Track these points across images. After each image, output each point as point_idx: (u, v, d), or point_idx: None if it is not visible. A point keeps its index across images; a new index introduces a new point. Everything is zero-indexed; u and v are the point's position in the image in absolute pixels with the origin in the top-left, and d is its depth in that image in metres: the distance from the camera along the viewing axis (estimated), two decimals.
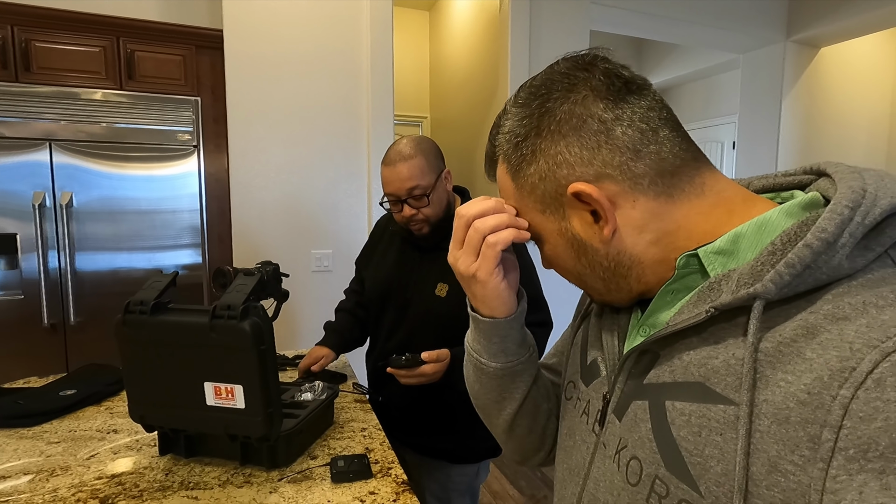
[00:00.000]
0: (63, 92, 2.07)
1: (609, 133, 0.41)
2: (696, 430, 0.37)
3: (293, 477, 0.88)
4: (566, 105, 0.42)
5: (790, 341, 0.34)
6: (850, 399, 0.29)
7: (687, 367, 0.39)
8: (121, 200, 2.17)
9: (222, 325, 0.80)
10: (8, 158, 2.01)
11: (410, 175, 1.09)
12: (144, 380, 0.87)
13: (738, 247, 0.40)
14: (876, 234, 0.35)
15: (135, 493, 0.83)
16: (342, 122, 2.45)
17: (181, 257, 2.31)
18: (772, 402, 0.33)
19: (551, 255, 0.49)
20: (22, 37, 2.05)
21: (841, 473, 0.29)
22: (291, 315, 2.42)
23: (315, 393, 1.06)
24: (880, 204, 0.35)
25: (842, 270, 0.35)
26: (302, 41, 2.35)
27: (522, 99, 0.46)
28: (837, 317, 0.33)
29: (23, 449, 0.98)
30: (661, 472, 0.39)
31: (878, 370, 0.29)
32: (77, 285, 2.14)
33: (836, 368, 0.31)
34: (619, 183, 0.42)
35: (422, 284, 1.18)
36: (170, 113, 2.22)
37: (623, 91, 0.42)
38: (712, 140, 4.63)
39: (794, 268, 0.34)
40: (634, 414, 0.43)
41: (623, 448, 0.43)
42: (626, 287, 0.46)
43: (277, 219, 2.39)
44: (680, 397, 0.39)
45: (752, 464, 0.33)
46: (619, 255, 0.44)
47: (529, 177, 0.45)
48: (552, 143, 0.43)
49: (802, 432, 0.31)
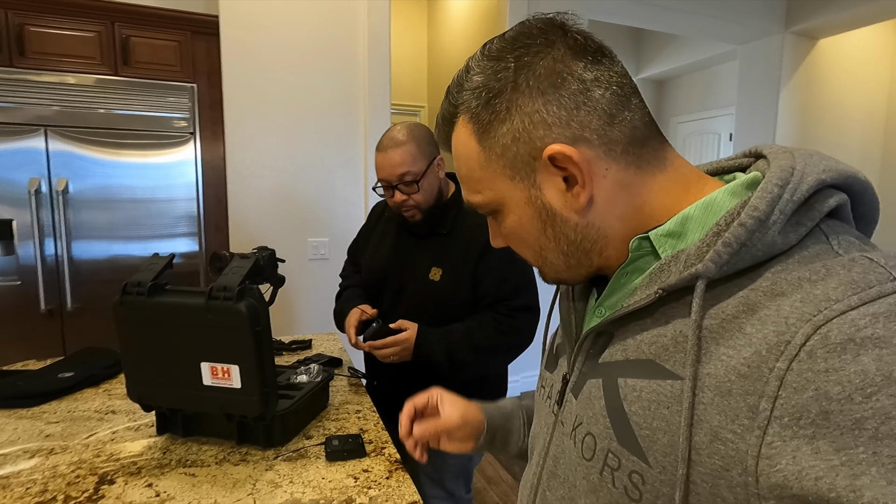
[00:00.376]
0: (58, 77, 2.06)
1: (588, 94, 0.40)
2: (646, 405, 0.38)
3: (288, 455, 0.90)
4: (546, 60, 0.41)
5: (732, 317, 0.35)
6: (785, 371, 0.31)
7: (639, 346, 0.40)
8: (117, 188, 2.17)
9: (219, 306, 0.81)
10: (3, 144, 2.01)
11: (401, 161, 1.10)
12: (142, 360, 0.88)
13: (687, 228, 0.40)
14: (806, 209, 0.36)
15: (133, 470, 0.85)
16: (339, 110, 2.45)
17: (178, 245, 2.31)
18: (714, 376, 0.34)
19: (515, 226, 0.46)
20: (15, 21, 2.03)
21: (776, 440, 0.31)
22: (288, 302, 2.43)
23: (310, 375, 1.07)
24: (807, 180, 0.36)
25: (776, 246, 0.36)
26: (299, 29, 2.34)
27: (494, 52, 0.42)
28: (775, 293, 0.34)
29: (22, 428, 0.99)
30: (614, 446, 0.40)
31: (810, 343, 0.30)
32: (74, 272, 2.14)
33: (773, 342, 0.32)
34: (595, 148, 0.40)
35: (416, 269, 1.20)
36: (165, 99, 2.22)
37: (598, 53, 0.42)
38: (709, 132, 4.64)
39: (730, 246, 0.35)
40: (589, 392, 0.44)
41: (579, 425, 0.44)
42: (587, 262, 0.45)
43: (274, 207, 2.39)
44: (632, 374, 0.40)
45: (695, 434, 0.34)
46: (587, 227, 0.43)
47: (501, 137, 0.42)
48: (530, 99, 0.40)
49: (742, 403, 0.32)
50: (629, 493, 0.39)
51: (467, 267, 1.14)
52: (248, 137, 2.32)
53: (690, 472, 0.34)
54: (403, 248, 1.24)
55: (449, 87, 0.46)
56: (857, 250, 0.35)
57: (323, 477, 0.84)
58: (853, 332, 0.30)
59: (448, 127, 0.46)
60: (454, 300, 1.15)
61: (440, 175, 1.18)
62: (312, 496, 0.78)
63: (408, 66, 3.96)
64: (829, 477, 0.29)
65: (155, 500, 0.77)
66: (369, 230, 1.39)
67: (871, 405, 0.28)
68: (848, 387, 0.29)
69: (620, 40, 4.64)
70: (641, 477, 0.38)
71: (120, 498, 0.77)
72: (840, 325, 0.30)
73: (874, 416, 0.28)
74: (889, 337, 0.29)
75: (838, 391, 0.29)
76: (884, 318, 0.30)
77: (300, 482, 0.82)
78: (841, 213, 0.39)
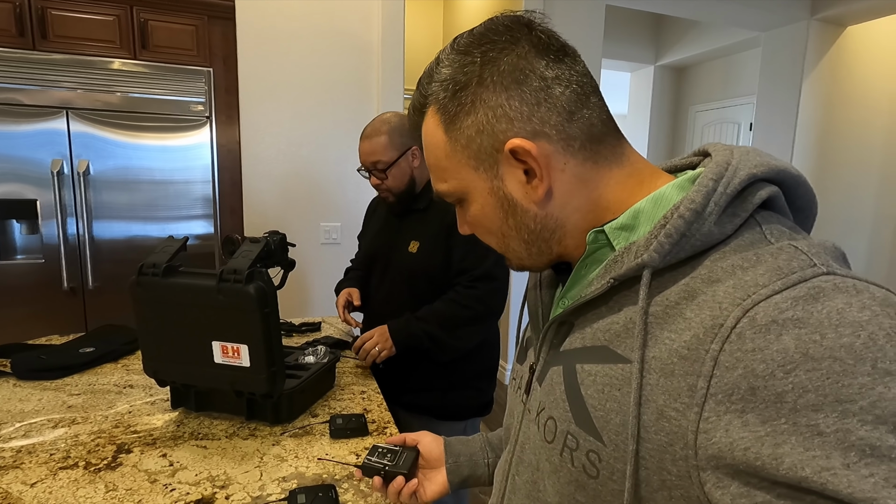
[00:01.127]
0: (79, 60, 2.10)
1: (549, 91, 0.42)
2: (601, 388, 0.40)
3: (295, 432, 0.94)
4: (510, 57, 0.42)
5: (674, 304, 0.38)
6: (718, 352, 0.33)
7: (595, 333, 0.43)
8: (136, 170, 2.23)
9: (229, 287, 0.84)
10: (27, 126, 2.06)
11: (373, 150, 1.21)
12: (157, 337, 0.93)
13: (638, 221, 0.43)
14: (740, 201, 0.39)
15: (148, 441, 0.90)
16: (352, 95, 2.46)
17: (194, 227, 2.37)
18: (659, 359, 0.37)
19: (478, 214, 0.48)
20: (37, 4, 2.07)
21: (711, 415, 0.33)
22: (300, 285, 2.48)
23: (317, 356, 1.11)
24: (739, 174, 0.39)
25: (713, 236, 0.38)
26: (314, 14, 2.34)
27: (463, 47, 0.44)
28: (712, 279, 0.37)
29: (46, 399, 1.05)
30: (572, 428, 0.42)
31: (740, 325, 0.33)
32: (95, 251, 2.21)
33: (709, 325, 0.34)
34: (554, 143, 0.42)
35: (399, 245, 1.29)
36: (183, 83, 2.25)
37: (561, 52, 0.43)
38: (729, 121, 4.54)
39: (671, 237, 0.38)
40: (551, 379, 0.46)
41: (541, 410, 0.47)
42: (548, 251, 0.47)
43: (287, 191, 2.43)
44: (588, 360, 0.42)
45: (643, 413, 0.37)
46: (546, 217, 0.45)
47: (466, 129, 0.44)
48: (494, 94, 0.42)
49: (683, 383, 0.35)
50: (587, 471, 0.41)
51: (440, 238, 1.22)
52: (262, 121, 2.35)
53: (640, 449, 0.37)
54: (390, 228, 1.34)
55: (420, 77, 0.47)
56: (786, 238, 0.38)
57: (326, 453, 0.87)
58: (776, 315, 0.32)
59: (418, 116, 0.48)
60: (429, 271, 1.23)
61: (414, 164, 1.25)
62: (316, 471, 0.82)
63: (423, 51, 3.94)
64: (756, 447, 0.31)
65: (168, 468, 0.81)
66: (368, 217, 1.52)
67: (791, 380, 0.30)
68: (771, 364, 0.31)
69: (639, 26, 4.54)
70: (598, 455, 0.40)
71: (136, 466, 0.82)
72: (765, 309, 0.33)
73: (793, 389, 0.30)
74: (806, 318, 0.31)
75: (763, 368, 0.31)
76: (803, 300, 0.32)
77: (305, 457, 0.86)
78: (775, 204, 0.41)
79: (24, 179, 2.09)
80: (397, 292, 1.29)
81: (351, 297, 1.38)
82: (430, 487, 0.69)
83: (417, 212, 1.28)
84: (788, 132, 3.46)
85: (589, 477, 0.41)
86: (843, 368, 0.30)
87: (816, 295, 0.32)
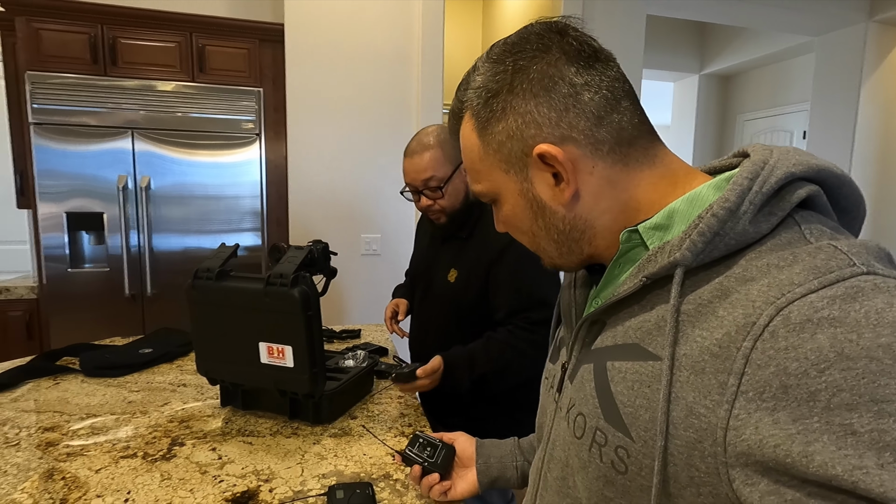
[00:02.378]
0: (144, 84, 2.28)
1: (577, 97, 0.43)
2: (630, 385, 0.41)
3: (334, 432, 0.97)
4: (540, 65, 0.43)
5: (707, 302, 0.38)
6: (750, 350, 0.33)
7: (626, 331, 0.43)
8: (191, 185, 2.37)
9: (275, 291, 0.89)
10: (97, 145, 2.24)
11: (426, 166, 1.11)
12: (209, 338, 0.99)
13: (673, 221, 0.43)
14: (777, 200, 0.39)
15: (199, 435, 0.95)
16: (392, 110, 2.54)
17: (243, 239, 2.49)
18: (689, 356, 0.37)
19: (510, 214, 0.50)
20: (109, 34, 2.26)
21: (741, 413, 0.33)
22: (341, 295, 2.55)
23: (357, 361, 1.15)
24: (776, 174, 0.38)
25: (748, 235, 0.38)
26: (356, 33, 2.44)
27: (496, 55, 0.46)
28: (746, 278, 0.37)
29: (110, 395, 1.13)
30: (601, 424, 0.42)
31: (773, 323, 0.33)
32: (153, 261, 2.36)
33: (741, 324, 0.34)
34: (582, 147, 0.43)
35: (440, 270, 1.24)
36: (235, 103, 2.39)
37: (592, 58, 0.44)
38: (780, 129, 4.36)
39: (704, 236, 0.38)
40: (582, 376, 0.47)
41: (572, 406, 0.47)
42: (578, 250, 0.48)
43: (330, 204, 2.52)
44: (619, 357, 0.43)
45: (672, 409, 0.37)
46: (574, 218, 0.46)
47: (497, 134, 0.46)
48: (524, 101, 0.44)
49: (714, 380, 0.35)
50: (616, 467, 0.41)
51: (479, 270, 1.14)
52: (307, 137, 2.46)
53: (668, 445, 0.37)
54: (433, 250, 1.30)
55: (459, 84, 0.50)
56: (826, 238, 0.37)
57: (364, 453, 0.90)
58: (811, 314, 0.32)
59: (456, 121, 0.50)
60: (466, 302, 1.16)
61: (466, 179, 1.20)
62: (354, 469, 0.85)
63: (462, 65, 4.01)
64: (786, 444, 0.31)
65: (217, 461, 0.86)
66: (419, 233, 1.48)
67: (825, 379, 0.30)
68: (804, 363, 0.31)
69: (683, 35, 4.46)
70: (626, 451, 0.40)
71: (188, 458, 0.87)
72: (800, 307, 0.32)
73: (827, 388, 0.30)
74: (843, 317, 0.31)
75: (796, 367, 0.31)
76: (840, 300, 0.32)
77: (344, 456, 0.89)
78: (817, 204, 0.41)
79: (93, 194, 2.26)
80: (436, 316, 1.25)
81: (397, 308, 1.39)
82: (461, 485, 0.71)
83: (459, 239, 1.21)
84: (846, 140, 3.29)
85: (617, 473, 0.41)
86: (880, 368, 0.29)
87: (855, 294, 0.32)
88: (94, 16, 2.23)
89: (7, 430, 0.96)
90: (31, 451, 0.88)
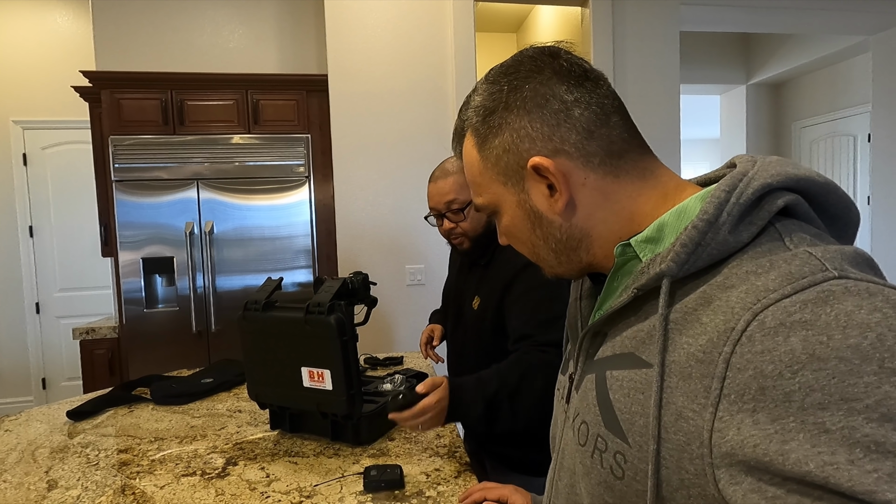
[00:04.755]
0: (207, 139, 2.52)
1: (568, 113, 0.46)
2: (627, 392, 0.42)
3: (373, 453, 1.02)
4: (532, 83, 0.47)
5: (692, 310, 0.39)
6: (730, 354, 0.35)
7: (623, 341, 0.45)
8: (249, 228, 2.57)
9: (314, 319, 0.97)
10: (167, 196, 2.49)
11: (449, 189, 1.16)
12: (258, 364, 1.07)
13: (663, 233, 0.44)
14: (757, 210, 0.40)
15: (251, 456, 1.03)
16: (431, 145, 2.65)
17: (296, 276, 2.64)
18: (678, 363, 0.38)
19: (509, 225, 0.52)
20: (178, 98, 2.54)
21: (725, 415, 0.35)
22: (387, 324, 2.63)
23: (395, 384, 1.20)
24: (752, 185, 0.40)
25: (729, 245, 0.39)
26: (393, 76, 2.60)
27: (493, 77, 0.50)
28: (726, 286, 0.38)
29: (175, 420, 1.24)
30: (602, 431, 0.44)
31: (750, 328, 0.34)
32: (217, 300, 2.55)
33: (722, 329, 0.36)
34: (573, 159, 0.46)
35: (466, 297, 1.26)
36: (286, 149, 2.59)
37: (582, 77, 0.47)
38: (842, 133, 4.12)
39: (686, 247, 0.40)
40: (585, 386, 0.48)
41: (577, 416, 0.49)
42: (577, 259, 0.50)
43: (376, 237, 2.63)
44: (617, 366, 0.44)
45: (663, 414, 0.38)
46: (571, 228, 0.48)
47: (494, 149, 0.49)
48: (518, 117, 0.47)
49: (699, 385, 0.36)
50: (614, 472, 0.43)
51: (496, 296, 1.14)
52: (352, 177, 2.61)
53: (661, 448, 0.38)
54: (461, 277, 1.32)
55: (461, 105, 0.54)
56: (805, 245, 0.38)
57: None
58: (784, 318, 0.33)
59: (459, 140, 0.54)
60: (487, 329, 1.17)
61: None
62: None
63: None
64: (765, 444, 0.32)
65: (265, 479, 0.93)
66: (451, 260, 1.51)
67: (798, 380, 0.32)
68: (779, 365, 0.32)
69: (726, 47, 4.35)
70: (624, 456, 0.42)
71: (240, 476, 0.94)
72: (774, 312, 0.34)
73: (800, 389, 0.32)
74: (814, 320, 0.33)
75: (771, 369, 0.33)
76: (812, 304, 0.33)
77: None
78: (799, 213, 0.42)
79: (165, 241, 2.50)
80: (468, 343, 1.25)
81: (433, 334, 1.44)
82: None
83: (480, 266, 1.23)
84: None
85: (616, 478, 0.43)
86: (848, 368, 0.31)
87: (826, 298, 0.33)
88: (165, 83, 2.52)
89: (89, 451, 1.08)
90: (108, 469, 0.99)
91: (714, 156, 6.74)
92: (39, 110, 3.39)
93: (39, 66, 3.37)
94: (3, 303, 3.39)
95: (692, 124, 5.98)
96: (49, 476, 0.97)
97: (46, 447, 1.10)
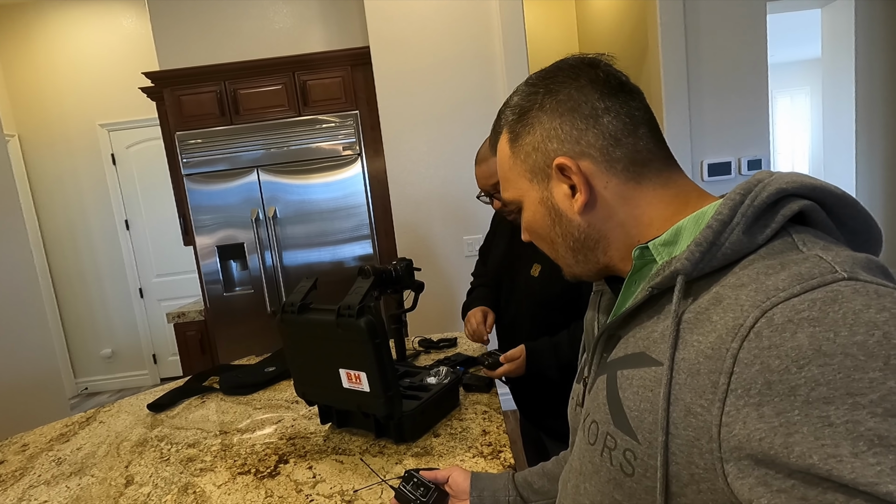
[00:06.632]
0: (261, 126, 2.58)
1: (598, 119, 0.48)
2: (636, 390, 0.43)
3: (417, 451, 1.01)
4: (568, 89, 0.49)
5: (704, 310, 0.40)
6: (738, 350, 0.35)
7: (636, 342, 0.46)
8: (308, 205, 2.63)
9: (345, 322, 0.95)
10: (231, 184, 2.60)
11: (493, 172, 1.14)
12: (300, 364, 1.09)
13: (680, 237, 0.46)
14: (770, 213, 0.41)
15: (301, 453, 1.06)
16: (481, 112, 2.52)
17: (357, 249, 2.68)
18: (687, 360, 0.39)
19: (531, 220, 0.55)
20: (230, 88, 2.60)
21: (732, 410, 0.35)
22: (446, 297, 2.61)
23: (439, 377, 1.17)
24: (768, 189, 0.41)
25: (743, 245, 0.40)
26: (437, 43, 2.47)
27: (533, 81, 0.53)
28: (737, 285, 0.39)
29: (239, 412, 1.31)
30: (611, 429, 0.45)
31: (758, 325, 0.35)
32: (286, 277, 2.67)
33: (731, 326, 0.37)
34: (597, 163, 0.48)
35: (522, 268, 1.25)
36: (337, 127, 2.58)
37: (617, 88, 0.49)
38: None
39: (701, 246, 0.41)
40: (597, 387, 0.49)
41: (587, 416, 0.50)
42: (594, 259, 0.52)
43: (431, 211, 2.59)
44: (628, 366, 0.45)
45: (672, 410, 0.39)
46: (589, 228, 0.50)
47: (525, 146, 0.52)
48: (550, 118, 0.50)
49: (708, 381, 0.37)
50: (624, 469, 0.44)
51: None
52: (403, 149, 2.56)
53: (670, 444, 0.39)
54: (515, 247, 1.30)
55: (501, 106, 0.57)
56: (818, 249, 0.38)
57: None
58: (793, 315, 0.34)
59: (496, 137, 0.57)
60: (552, 295, 1.16)
61: None
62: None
63: (557, 55, 3.81)
64: (770, 437, 0.33)
65: (312, 480, 0.95)
66: (493, 231, 1.48)
67: (804, 374, 0.32)
68: (786, 360, 0.33)
69: None
70: (633, 454, 0.43)
71: (289, 476, 0.97)
72: (783, 310, 0.34)
73: (806, 383, 0.32)
74: (822, 318, 0.33)
75: (778, 364, 0.33)
76: (820, 302, 0.34)
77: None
78: (816, 221, 0.42)
79: (234, 225, 2.63)
80: (524, 313, 1.25)
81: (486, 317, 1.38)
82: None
83: None
84: None
85: (625, 475, 0.43)
86: (854, 364, 0.31)
87: (835, 297, 0.33)
88: (217, 75, 2.58)
89: (163, 445, 1.17)
90: (176, 465, 1.07)
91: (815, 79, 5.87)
92: (119, 112, 3.65)
93: (112, 69, 3.60)
94: (113, 290, 3.81)
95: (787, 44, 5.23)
96: (128, 471, 1.06)
97: (129, 440, 1.21)
